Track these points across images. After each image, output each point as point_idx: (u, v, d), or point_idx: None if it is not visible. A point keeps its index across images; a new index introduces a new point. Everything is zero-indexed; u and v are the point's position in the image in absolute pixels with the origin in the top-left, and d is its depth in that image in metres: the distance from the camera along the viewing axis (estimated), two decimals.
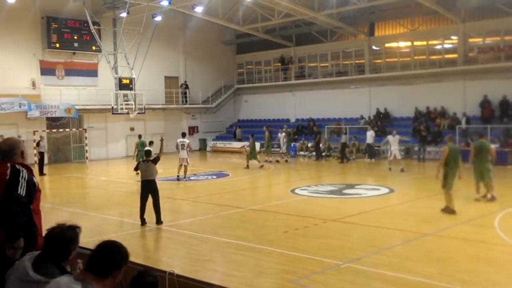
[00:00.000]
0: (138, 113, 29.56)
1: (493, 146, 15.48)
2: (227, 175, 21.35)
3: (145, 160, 12.08)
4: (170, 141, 34.25)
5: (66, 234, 3.45)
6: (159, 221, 11.70)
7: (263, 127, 27.98)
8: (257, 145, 26.78)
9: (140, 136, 23.52)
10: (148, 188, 11.75)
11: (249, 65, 39.11)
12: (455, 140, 25.41)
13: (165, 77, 35.20)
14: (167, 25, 32.33)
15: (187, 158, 19.67)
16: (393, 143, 21.56)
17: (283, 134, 26.71)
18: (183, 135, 20.95)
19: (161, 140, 12.84)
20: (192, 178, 20.32)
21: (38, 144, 24.08)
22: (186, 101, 35.67)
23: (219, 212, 13.37)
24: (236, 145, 33.31)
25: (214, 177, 20.79)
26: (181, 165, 19.73)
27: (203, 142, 36.30)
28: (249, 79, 38.50)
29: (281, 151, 26.74)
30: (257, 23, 32.62)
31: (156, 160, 11.88)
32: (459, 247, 9.24)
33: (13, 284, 3.44)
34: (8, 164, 4.26)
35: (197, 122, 36.71)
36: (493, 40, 27.76)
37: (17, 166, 4.27)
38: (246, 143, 30.59)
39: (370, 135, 26.46)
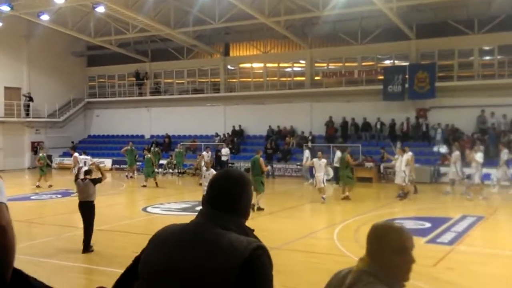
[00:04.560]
0: None
1: (349, 156, 18.77)
2: (73, 193, 20.06)
3: (84, 178, 10.86)
4: (10, 157, 31.53)
5: None
6: (87, 249, 10.30)
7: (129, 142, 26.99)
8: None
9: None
10: (84, 211, 10.56)
11: (101, 78, 37.59)
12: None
13: (5, 87, 32.20)
14: (8, 32, 29.78)
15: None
16: (319, 169, 17.49)
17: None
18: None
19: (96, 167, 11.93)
20: (33, 197, 18.74)
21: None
22: (28, 114, 32.97)
23: (62, 234, 12.43)
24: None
25: (59, 196, 19.41)
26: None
27: (48, 159, 33.72)
28: (102, 93, 36.95)
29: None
30: (111, 35, 31.51)
31: (96, 181, 10.77)
32: (301, 260, 9.68)
33: None
34: None
35: (41, 137, 34.04)
36: (336, 65, 30.25)
37: None
38: (97, 159, 29.14)
39: (225, 152, 26.99)
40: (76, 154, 21.13)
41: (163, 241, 2.04)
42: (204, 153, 24.69)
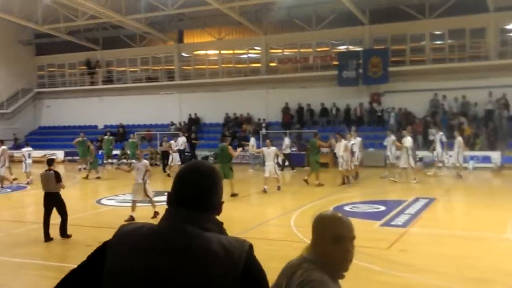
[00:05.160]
0: None
1: (319, 141, 18.66)
2: (24, 187, 19.39)
3: (48, 169, 10.86)
4: None
5: None
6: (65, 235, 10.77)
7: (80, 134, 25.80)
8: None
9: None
10: (52, 201, 10.71)
11: (51, 67, 36.33)
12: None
13: None
14: None
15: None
16: (268, 158, 17.14)
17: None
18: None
19: None
20: None
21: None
22: None
23: (12, 229, 12.00)
24: (37, 154, 30.43)
25: (9, 190, 18.69)
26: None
27: None
28: (52, 82, 35.79)
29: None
30: (59, 23, 30.41)
31: (58, 179, 10.73)
32: (259, 247, 9.59)
33: None
34: None
35: None
36: (291, 52, 30.29)
37: None
38: (49, 152, 28.28)
39: (182, 141, 26.48)
40: (4, 147, 20.07)
41: (137, 248, 1.80)
42: (172, 141, 24.25)
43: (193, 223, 1.80)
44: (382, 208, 13.30)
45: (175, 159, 23.23)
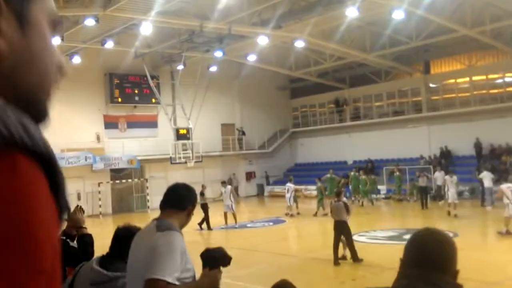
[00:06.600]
0: (195, 162, 30.22)
1: None
2: (284, 221, 21.20)
3: (337, 200, 12.53)
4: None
5: (133, 231, 3.48)
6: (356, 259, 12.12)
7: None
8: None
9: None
10: (340, 229, 12.12)
11: (303, 108, 39.34)
12: None
13: (222, 124, 36.00)
14: (222, 74, 33.25)
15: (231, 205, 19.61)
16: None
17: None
18: (224, 183, 21.10)
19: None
20: (249, 225, 20.36)
21: (202, 194, 19.38)
22: (242, 147, 36.19)
23: (274, 261, 13.23)
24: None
25: (271, 223, 20.71)
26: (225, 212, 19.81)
27: (260, 188, 36.42)
28: (304, 122, 38.65)
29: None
30: (310, 67, 33.00)
31: (347, 207, 12.25)
32: None
33: None
34: None
35: (253, 168, 37.00)
36: None
37: None
38: (304, 187, 30.49)
39: (440, 176, 24.86)
40: (229, 186, 20.79)
41: None
42: (446, 176, 21.56)
43: (425, 280, 1.87)
44: None
45: (452, 195, 20.13)
